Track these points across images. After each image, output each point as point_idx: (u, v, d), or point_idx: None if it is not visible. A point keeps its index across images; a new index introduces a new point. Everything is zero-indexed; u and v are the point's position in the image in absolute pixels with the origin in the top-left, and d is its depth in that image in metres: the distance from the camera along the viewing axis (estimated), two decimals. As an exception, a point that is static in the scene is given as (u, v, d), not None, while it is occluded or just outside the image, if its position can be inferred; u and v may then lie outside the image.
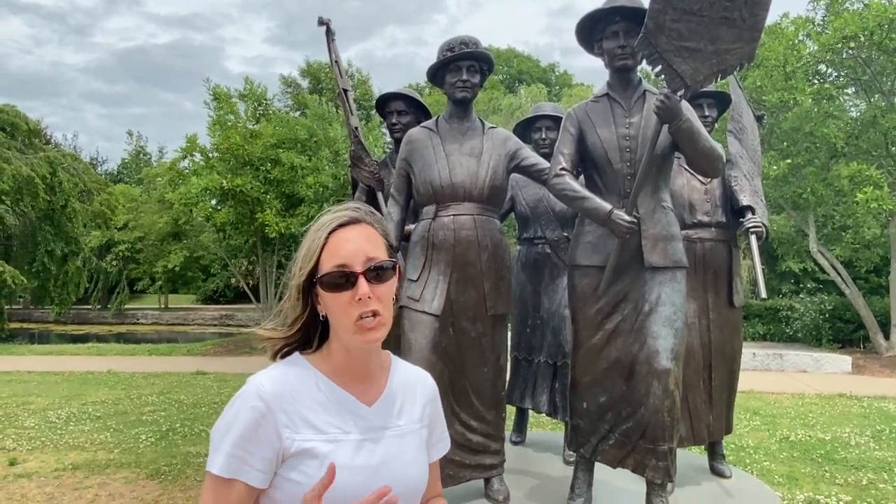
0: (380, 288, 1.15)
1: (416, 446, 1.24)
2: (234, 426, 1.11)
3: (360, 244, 1.16)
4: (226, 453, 1.10)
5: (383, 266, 1.16)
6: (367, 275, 1.14)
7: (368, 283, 1.14)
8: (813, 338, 13.52)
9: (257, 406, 1.11)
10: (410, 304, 2.99)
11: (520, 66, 35.03)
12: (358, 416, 1.18)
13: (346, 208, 1.21)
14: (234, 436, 1.10)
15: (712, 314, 3.48)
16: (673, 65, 2.48)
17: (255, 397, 1.12)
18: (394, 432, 1.21)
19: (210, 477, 1.11)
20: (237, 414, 1.12)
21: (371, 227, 1.20)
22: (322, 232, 1.17)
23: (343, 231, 1.17)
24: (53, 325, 27.38)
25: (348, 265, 1.14)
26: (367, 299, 1.12)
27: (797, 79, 10.72)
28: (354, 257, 1.14)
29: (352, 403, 1.19)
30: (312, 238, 1.18)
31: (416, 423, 1.27)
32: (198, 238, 20.34)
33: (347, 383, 1.20)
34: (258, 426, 1.11)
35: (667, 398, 2.69)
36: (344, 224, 1.18)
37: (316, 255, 1.16)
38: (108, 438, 6.29)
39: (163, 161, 27.71)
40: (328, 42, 3.84)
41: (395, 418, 1.23)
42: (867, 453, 5.85)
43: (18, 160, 17.35)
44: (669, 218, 2.85)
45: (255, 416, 1.11)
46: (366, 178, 3.73)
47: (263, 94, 15.70)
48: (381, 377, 1.26)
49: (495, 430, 3.11)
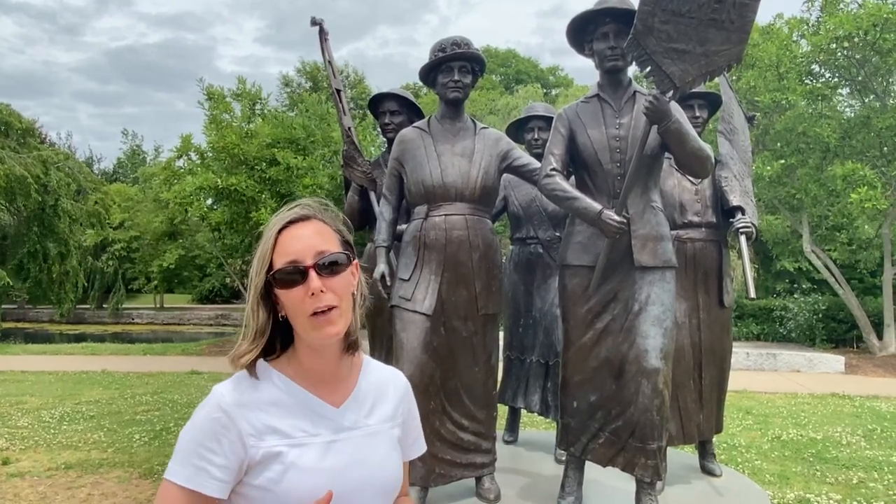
0: (333, 281, 1.13)
1: (387, 445, 1.24)
2: (196, 437, 1.11)
3: (310, 239, 1.14)
4: (186, 463, 1.10)
5: (335, 260, 1.14)
6: (318, 268, 1.12)
7: (320, 276, 1.12)
8: (806, 338, 13.57)
9: (218, 417, 1.11)
10: (402, 303, 3.00)
11: (518, 67, 35.06)
12: (325, 418, 1.17)
13: (296, 205, 1.20)
14: (195, 446, 1.10)
15: (702, 314, 3.50)
16: (662, 66, 2.50)
17: (216, 408, 1.12)
18: (363, 432, 1.20)
19: (168, 484, 1.10)
20: (199, 425, 1.12)
21: (322, 222, 1.19)
22: (272, 231, 1.16)
23: (292, 228, 1.16)
24: (48, 324, 27.29)
25: (298, 260, 1.12)
26: (319, 293, 1.11)
27: (790, 79, 10.75)
28: (304, 252, 1.13)
29: (318, 405, 1.18)
30: (264, 240, 1.16)
31: (387, 422, 1.26)
32: (193, 237, 20.27)
33: (314, 385, 1.19)
34: (220, 437, 1.10)
35: (656, 397, 2.71)
36: (294, 221, 1.16)
37: (269, 256, 1.14)
38: (101, 438, 6.29)
39: (158, 160, 27.65)
40: (321, 42, 3.85)
41: (365, 418, 1.22)
42: (858, 452, 5.89)
43: (12, 159, 17.28)
44: (659, 218, 2.87)
45: (216, 427, 1.10)
46: (358, 177, 3.74)
47: (258, 93, 15.66)
48: (350, 377, 1.25)
49: (486, 429, 3.12)
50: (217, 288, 30.85)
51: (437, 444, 2.95)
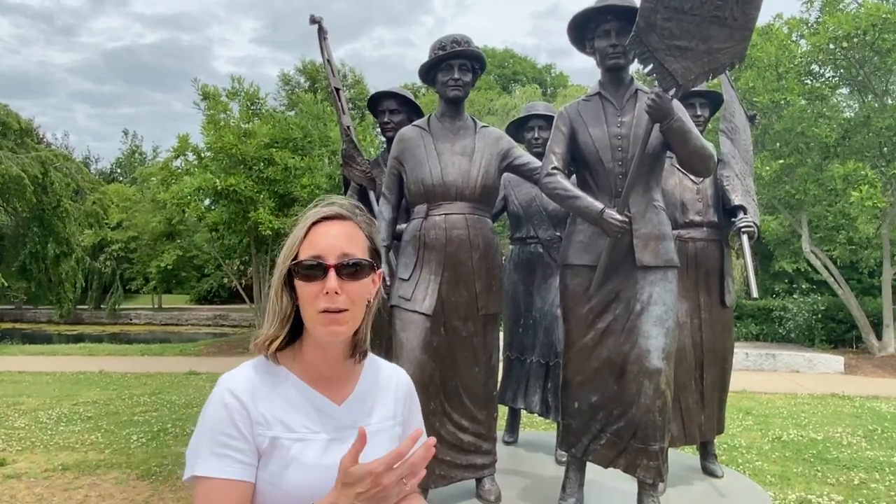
0: (351, 285, 1.14)
1: (388, 444, 1.23)
2: (211, 426, 1.11)
3: (338, 239, 1.15)
4: (207, 455, 1.09)
5: (358, 263, 1.15)
6: (340, 269, 1.13)
7: (340, 278, 1.13)
8: (806, 338, 13.56)
9: (230, 402, 1.12)
10: (402, 303, 2.98)
11: (515, 67, 35.07)
12: (327, 416, 1.18)
13: (334, 203, 1.21)
14: (214, 435, 1.10)
15: (704, 314, 3.48)
16: (664, 64, 2.47)
17: (227, 394, 1.13)
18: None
19: (199, 481, 1.09)
20: (211, 414, 1.12)
21: (356, 225, 1.20)
22: (306, 223, 1.18)
23: (325, 225, 1.17)
24: (46, 325, 27.24)
25: (322, 256, 1.13)
26: (334, 294, 1.12)
27: (789, 80, 10.75)
28: (330, 250, 1.14)
29: (321, 402, 1.19)
30: (297, 229, 1.18)
31: (388, 421, 1.27)
32: (191, 238, 20.24)
33: (317, 382, 1.20)
34: (235, 421, 1.11)
35: (658, 398, 2.69)
36: (328, 217, 1.18)
37: (297, 246, 1.16)
38: (99, 439, 6.25)
39: (156, 160, 27.59)
40: (320, 41, 3.83)
41: (366, 416, 1.23)
42: (859, 453, 5.87)
43: (9, 159, 17.22)
44: (661, 217, 2.85)
45: (230, 412, 1.11)
46: (358, 176, 3.72)
47: (256, 93, 15.63)
48: (353, 375, 1.25)
49: (487, 429, 3.10)
50: (215, 288, 30.78)
51: (437, 446, 2.91)
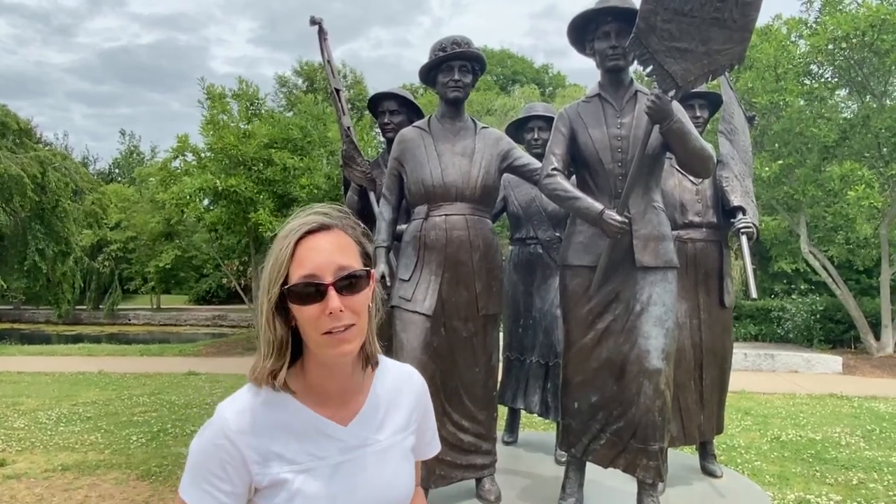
0: (353, 299, 1.06)
1: (398, 459, 1.19)
2: (202, 461, 1.08)
3: (331, 254, 1.06)
4: (196, 485, 1.07)
5: (356, 275, 1.07)
6: (338, 286, 1.05)
7: (340, 294, 1.05)
8: (804, 338, 13.57)
9: (222, 444, 1.07)
10: (402, 304, 2.98)
11: (514, 67, 35.08)
12: (332, 439, 1.12)
13: (315, 212, 1.11)
14: (203, 471, 1.07)
15: (703, 314, 3.49)
16: (664, 65, 2.48)
17: (219, 434, 1.07)
18: (373, 449, 1.16)
19: (181, 502, 1.08)
20: (205, 448, 1.08)
21: (343, 232, 1.11)
22: (289, 240, 1.07)
23: (312, 238, 1.08)
24: (45, 325, 27.21)
25: (317, 276, 1.04)
26: (338, 313, 1.04)
27: (788, 80, 10.76)
28: (324, 268, 1.05)
29: (325, 426, 1.12)
30: (279, 247, 1.07)
31: (399, 434, 1.21)
32: (190, 238, 20.23)
33: (321, 403, 1.13)
34: (224, 465, 1.06)
35: (658, 398, 2.70)
36: (313, 230, 1.08)
37: (285, 267, 1.06)
38: (98, 439, 6.25)
39: (154, 160, 27.56)
40: (320, 41, 3.83)
41: (376, 433, 1.17)
42: (857, 453, 5.88)
43: (8, 159, 17.21)
44: (661, 218, 2.86)
45: (221, 454, 1.07)
46: (358, 177, 3.72)
47: (256, 93, 15.64)
48: (363, 388, 1.19)
49: (487, 430, 3.11)
50: (214, 289, 30.77)
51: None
